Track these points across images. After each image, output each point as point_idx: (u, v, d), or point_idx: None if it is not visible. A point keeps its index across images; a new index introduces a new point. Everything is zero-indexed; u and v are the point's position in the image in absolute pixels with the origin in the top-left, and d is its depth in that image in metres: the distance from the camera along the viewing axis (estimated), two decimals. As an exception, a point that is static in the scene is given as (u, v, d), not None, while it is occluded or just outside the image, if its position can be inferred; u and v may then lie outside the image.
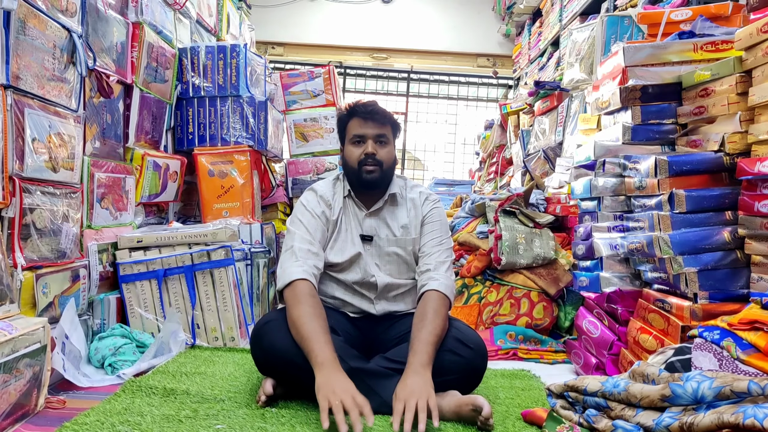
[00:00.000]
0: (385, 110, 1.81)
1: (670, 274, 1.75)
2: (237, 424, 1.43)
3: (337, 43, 6.18)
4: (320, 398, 1.38)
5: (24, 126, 1.75)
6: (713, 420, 1.10)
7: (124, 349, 2.03)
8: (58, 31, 1.92)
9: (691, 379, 1.21)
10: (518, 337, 2.53)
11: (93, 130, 2.21)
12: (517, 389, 1.87)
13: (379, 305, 1.83)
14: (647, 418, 1.24)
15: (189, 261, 2.32)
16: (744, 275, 1.64)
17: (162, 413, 1.50)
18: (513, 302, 2.72)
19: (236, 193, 2.95)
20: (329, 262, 1.80)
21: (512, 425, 1.52)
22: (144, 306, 2.29)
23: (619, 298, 2.06)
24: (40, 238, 1.83)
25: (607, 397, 1.36)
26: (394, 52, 6.27)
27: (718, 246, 1.66)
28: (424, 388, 1.44)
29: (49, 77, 1.87)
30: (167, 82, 2.81)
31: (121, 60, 2.37)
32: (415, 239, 1.84)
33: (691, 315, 1.62)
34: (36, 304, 1.80)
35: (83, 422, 1.41)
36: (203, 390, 1.70)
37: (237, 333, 2.34)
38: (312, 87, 3.68)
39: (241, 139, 3.01)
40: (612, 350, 1.98)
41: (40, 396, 1.56)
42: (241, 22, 4.09)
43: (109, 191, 2.29)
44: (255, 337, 1.66)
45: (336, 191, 1.87)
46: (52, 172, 1.90)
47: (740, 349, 1.30)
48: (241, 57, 3.02)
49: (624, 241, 1.97)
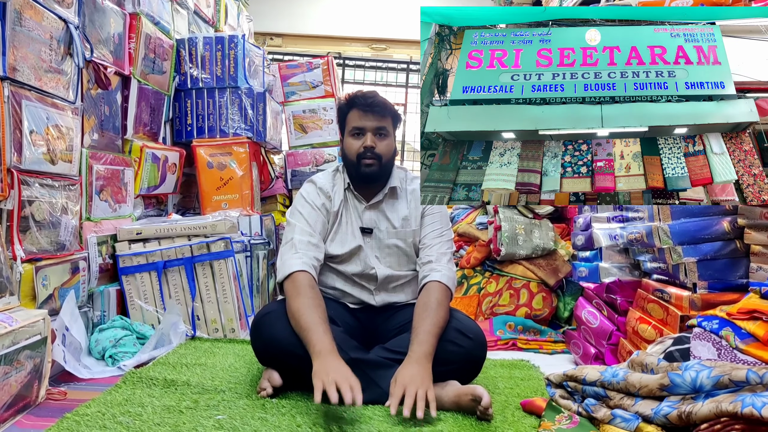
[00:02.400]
0: (385, 101, 1.79)
1: (669, 264, 1.75)
2: (237, 415, 1.44)
3: (336, 34, 6.14)
4: (315, 381, 1.40)
5: (21, 118, 1.74)
6: (711, 409, 1.11)
7: (125, 341, 2.03)
8: (54, 23, 1.90)
9: (689, 368, 1.22)
10: (517, 328, 2.54)
11: (91, 122, 2.21)
12: (516, 379, 1.88)
13: (378, 296, 1.83)
14: (646, 407, 1.25)
15: (189, 253, 2.32)
16: (743, 265, 1.65)
17: (163, 404, 1.50)
18: (512, 293, 2.73)
19: (235, 184, 2.95)
20: (329, 253, 1.80)
21: (511, 415, 1.52)
22: (144, 298, 2.29)
23: (618, 288, 2.06)
24: (39, 230, 1.83)
25: (606, 386, 1.37)
26: (393, 42, 6.23)
27: (717, 236, 1.67)
28: (424, 378, 1.44)
29: (46, 69, 1.86)
30: (165, 74, 2.80)
31: (118, 51, 2.36)
32: (415, 231, 1.84)
33: (690, 305, 1.62)
34: (36, 297, 1.81)
35: (84, 413, 1.42)
36: (204, 381, 1.71)
37: (237, 324, 2.35)
38: (311, 78, 3.66)
39: (239, 131, 3.01)
40: (611, 340, 1.98)
41: (41, 387, 1.56)
42: (239, 13, 4.06)
43: (108, 183, 2.28)
44: (255, 328, 1.66)
45: (336, 183, 1.86)
46: (51, 164, 1.89)
47: (739, 338, 1.30)
48: (239, 48, 3.00)
49: (623, 232, 1.98)
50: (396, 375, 1.47)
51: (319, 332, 1.50)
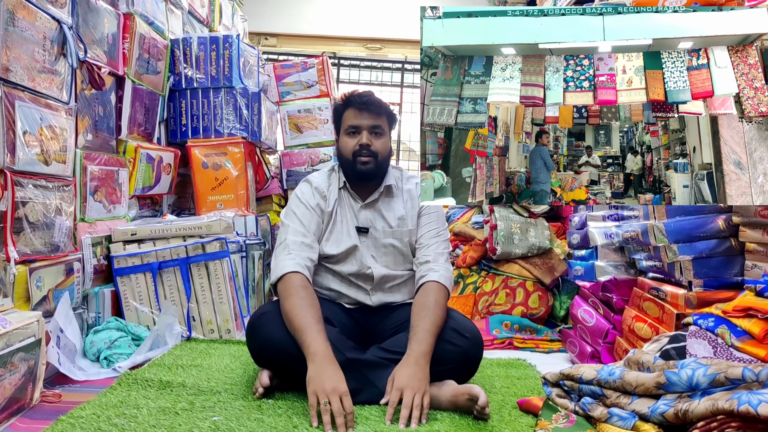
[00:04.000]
0: (380, 101, 1.80)
1: (664, 262, 1.75)
2: (233, 416, 1.43)
3: (331, 34, 6.13)
4: (309, 392, 1.40)
5: (15, 118, 1.73)
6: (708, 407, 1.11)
7: (120, 342, 2.02)
8: (48, 23, 1.89)
9: (686, 366, 1.22)
10: (514, 327, 2.54)
11: (85, 122, 2.19)
12: (512, 378, 1.88)
13: (375, 296, 1.83)
14: (642, 405, 1.25)
15: (184, 253, 2.31)
16: (738, 263, 1.65)
17: (158, 406, 1.49)
18: (508, 292, 2.73)
19: (230, 185, 2.94)
20: (325, 253, 1.79)
21: (508, 414, 1.52)
22: (139, 299, 2.28)
23: (614, 286, 2.06)
24: (33, 231, 1.82)
25: (603, 385, 1.37)
26: (388, 42, 6.23)
27: (712, 234, 1.67)
28: (421, 380, 1.44)
29: (39, 69, 1.85)
30: (159, 74, 2.79)
31: (112, 51, 2.35)
32: (412, 231, 1.84)
33: (685, 303, 1.63)
34: (30, 298, 1.80)
35: (79, 416, 1.41)
36: (199, 382, 1.70)
37: (233, 325, 2.34)
38: (306, 78, 3.65)
39: (234, 131, 3.00)
40: (607, 339, 1.98)
41: (35, 390, 1.55)
42: (234, 13, 4.05)
43: (103, 184, 2.27)
44: (251, 329, 1.66)
45: (331, 182, 1.86)
46: (44, 165, 1.88)
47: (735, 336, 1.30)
48: (233, 48, 2.99)
49: (619, 230, 1.98)
50: (393, 374, 1.47)
51: (313, 332, 1.49)
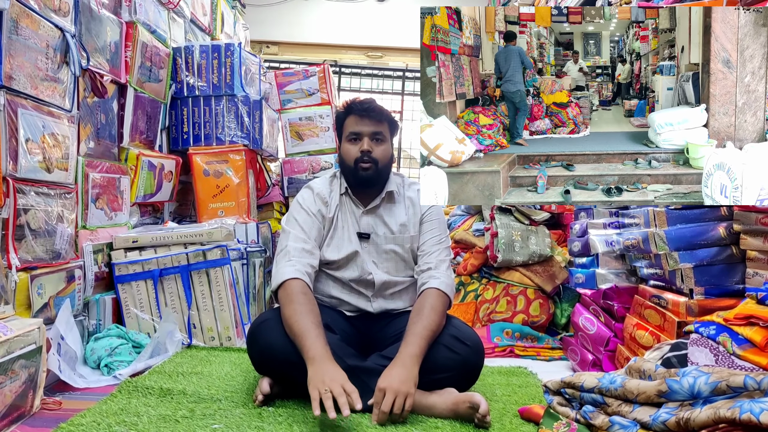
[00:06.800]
0: (382, 108, 1.81)
1: (665, 270, 1.75)
2: (234, 424, 1.43)
3: (332, 42, 6.17)
4: (311, 389, 1.40)
5: (17, 126, 1.74)
6: (710, 415, 1.11)
7: (120, 350, 2.02)
8: (51, 31, 1.90)
9: (687, 374, 1.22)
10: (515, 335, 2.53)
11: (87, 130, 2.20)
12: (514, 386, 1.88)
13: (376, 303, 1.83)
14: (644, 413, 1.25)
15: (185, 261, 2.32)
16: (739, 270, 1.65)
17: (159, 413, 1.49)
18: (509, 299, 2.73)
19: (232, 192, 2.94)
20: (326, 259, 1.80)
21: (509, 422, 1.52)
22: (140, 306, 2.28)
23: (615, 294, 2.06)
24: (34, 238, 1.82)
25: (604, 393, 1.36)
26: (389, 50, 6.26)
27: (713, 242, 1.67)
28: (404, 383, 1.45)
29: (42, 77, 1.86)
30: (161, 82, 2.80)
31: (114, 60, 2.36)
32: (413, 237, 1.84)
33: (687, 311, 1.63)
34: (31, 305, 1.80)
35: (79, 423, 1.41)
36: (200, 390, 1.70)
37: (233, 332, 2.34)
38: (307, 86, 3.67)
39: (236, 139, 3.01)
40: (608, 346, 1.98)
41: (35, 397, 1.55)
42: (236, 21, 4.07)
43: (104, 191, 2.28)
44: (251, 336, 1.66)
45: (333, 188, 1.86)
46: (46, 173, 1.89)
47: (736, 344, 1.30)
48: (235, 56, 3.01)
49: (620, 238, 1.98)
50: (380, 376, 1.47)
51: (312, 337, 1.49)
